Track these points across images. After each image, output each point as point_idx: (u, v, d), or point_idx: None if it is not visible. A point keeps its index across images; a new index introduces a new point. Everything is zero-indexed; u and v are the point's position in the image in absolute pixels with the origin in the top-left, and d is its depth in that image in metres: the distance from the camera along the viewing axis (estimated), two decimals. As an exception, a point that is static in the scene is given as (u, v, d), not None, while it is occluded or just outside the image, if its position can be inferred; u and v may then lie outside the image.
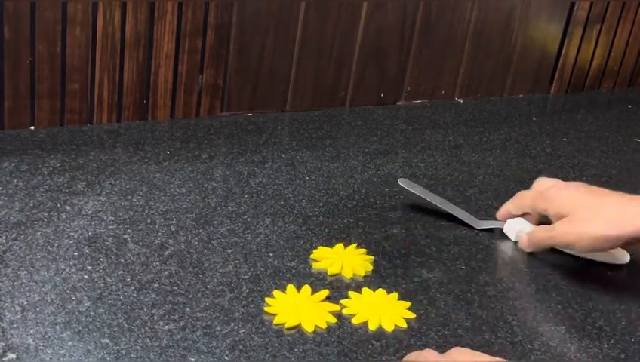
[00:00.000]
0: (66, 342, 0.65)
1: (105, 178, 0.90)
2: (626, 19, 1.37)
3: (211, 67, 1.06)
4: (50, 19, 0.94)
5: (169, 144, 1.00)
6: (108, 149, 0.97)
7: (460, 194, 0.98)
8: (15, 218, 0.81)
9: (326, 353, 0.68)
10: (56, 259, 0.75)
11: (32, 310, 0.68)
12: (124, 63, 1.01)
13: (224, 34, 1.05)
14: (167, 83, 1.04)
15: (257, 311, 0.72)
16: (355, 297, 0.75)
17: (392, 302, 0.75)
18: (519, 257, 0.86)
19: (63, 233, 0.79)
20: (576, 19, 1.32)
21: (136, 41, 1.00)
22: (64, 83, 0.98)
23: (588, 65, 1.38)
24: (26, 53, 0.95)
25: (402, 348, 0.70)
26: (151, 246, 0.79)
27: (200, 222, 0.84)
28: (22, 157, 0.92)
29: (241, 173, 0.96)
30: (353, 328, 0.71)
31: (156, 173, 0.93)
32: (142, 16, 0.99)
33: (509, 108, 1.29)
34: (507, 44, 1.27)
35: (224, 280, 0.76)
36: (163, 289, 0.73)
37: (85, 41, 0.97)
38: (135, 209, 0.85)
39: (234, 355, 0.66)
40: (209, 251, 0.80)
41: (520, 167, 1.07)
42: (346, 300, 0.75)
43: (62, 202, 0.84)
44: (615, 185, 0.99)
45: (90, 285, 0.73)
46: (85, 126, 1.02)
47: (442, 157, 1.07)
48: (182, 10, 1.01)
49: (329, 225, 0.87)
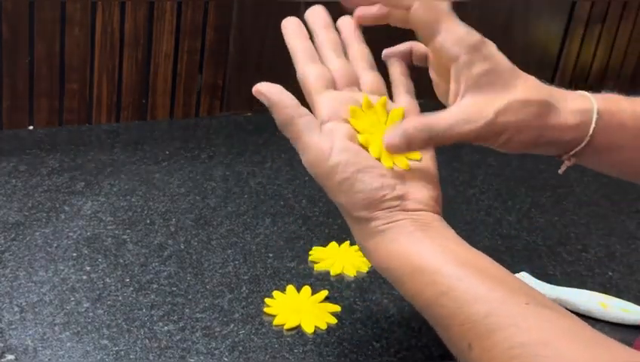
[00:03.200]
0: (65, 343, 0.65)
1: (104, 178, 0.90)
2: (627, 18, 1.37)
3: (211, 67, 1.06)
4: (49, 19, 0.94)
5: (168, 144, 1.00)
6: (107, 149, 0.97)
7: (460, 194, 0.97)
8: (14, 218, 0.80)
9: (326, 354, 0.68)
10: (55, 259, 0.75)
11: (30, 311, 0.68)
12: (123, 63, 1.00)
13: (223, 34, 1.05)
14: (167, 83, 1.04)
15: (257, 311, 0.72)
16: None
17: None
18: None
19: (62, 233, 0.79)
20: (578, 18, 1.32)
21: (135, 41, 1.00)
22: (63, 83, 0.98)
23: (589, 65, 1.38)
24: (25, 53, 0.95)
25: (403, 349, 0.69)
26: (150, 247, 0.79)
27: (199, 223, 0.84)
28: (20, 157, 0.92)
29: (240, 173, 0.95)
30: (353, 329, 0.71)
31: (155, 173, 0.93)
32: (141, 16, 0.99)
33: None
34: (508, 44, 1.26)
35: (224, 280, 0.75)
36: (162, 289, 0.73)
37: (84, 40, 0.97)
38: (134, 209, 0.85)
39: (233, 356, 0.66)
40: (208, 251, 0.79)
41: (521, 168, 1.07)
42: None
43: (61, 202, 0.84)
44: (617, 186, 0.99)
45: (89, 286, 0.72)
46: (84, 126, 1.02)
47: (443, 157, 1.06)
48: (181, 9, 1.01)
49: (329, 226, 0.87)
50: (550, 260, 0.86)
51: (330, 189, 0.58)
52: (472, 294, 0.52)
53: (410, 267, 0.55)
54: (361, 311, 0.74)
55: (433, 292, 0.53)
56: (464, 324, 0.51)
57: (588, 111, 0.60)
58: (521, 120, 0.58)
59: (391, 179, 0.58)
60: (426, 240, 0.55)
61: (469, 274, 0.53)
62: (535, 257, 0.86)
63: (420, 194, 0.58)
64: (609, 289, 0.82)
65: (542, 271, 0.83)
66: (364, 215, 0.57)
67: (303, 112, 0.59)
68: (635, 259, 0.88)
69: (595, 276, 0.85)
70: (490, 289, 0.52)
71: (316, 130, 0.58)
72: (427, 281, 0.54)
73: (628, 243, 0.91)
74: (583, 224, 0.94)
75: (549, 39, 1.32)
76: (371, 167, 0.57)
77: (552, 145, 0.61)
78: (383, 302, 0.75)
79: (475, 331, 0.50)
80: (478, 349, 0.50)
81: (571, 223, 0.94)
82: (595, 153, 0.61)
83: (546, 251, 0.88)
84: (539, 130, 0.59)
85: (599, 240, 0.91)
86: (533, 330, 0.49)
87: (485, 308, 0.50)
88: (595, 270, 0.86)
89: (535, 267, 0.84)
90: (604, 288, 0.82)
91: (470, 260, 0.54)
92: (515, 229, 0.91)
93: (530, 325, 0.49)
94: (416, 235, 0.55)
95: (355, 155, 0.57)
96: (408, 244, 0.55)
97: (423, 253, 0.55)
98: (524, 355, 0.48)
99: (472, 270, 0.53)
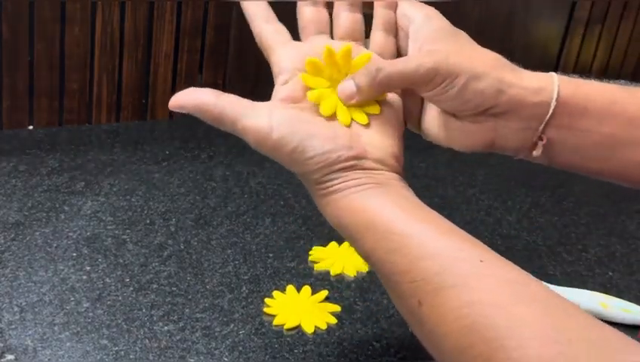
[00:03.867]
0: (65, 343, 0.65)
1: (104, 178, 0.90)
2: (628, 18, 1.37)
3: (211, 67, 1.06)
4: (49, 19, 0.94)
5: (168, 144, 1.00)
6: (107, 149, 0.97)
7: (460, 195, 0.97)
8: (13, 218, 0.80)
9: (326, 354, 0.68)
10: (54, 259, 0.75)
11: (30, 311, 0.68)
12: (123, 63, 1.00)
13: (223, 34, 1.05)
14: (167, 83, 1.04)
15: (257, 311, 0.72)
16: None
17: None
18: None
19: (62, 233, 0.79)
20: (578, 18, 1.32)
21: (135, 41, 1.00)
22: (63, 82, 0.98)
23: (589, 65, 1.38)
24: (25, 53, 0.95)
25: (403, 349, 0.69)
26: (150, 247, 0.79)
27: (199, 223, 0.84)
28: (20, 157, 0.92)
29: (240, 173, 0.95)
30: (353, 329, 0.71)
31: (155, 173, 0.93)
32: (141, 16, 0.99)
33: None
34: (508, 44, 1.26)
35: (224, 280, 0.75)
36: (162, 289, 0.73)
37: (84, 40, 0.97)
38: (134, 209, 0.85)
39: (233, 356, 0.66)
40: (208, 251, 0.79)
41: (521, 168, 1.07)
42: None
43: (60, 202, 0.84)
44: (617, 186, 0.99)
45: (89, 286, 0.72)
46: (84, 126, 1.01)
47: (443, 156, 1.06)
48: (181, 9, 1.01)
49: (329, 226, 0.86)
50: (550, 260, 0.86)
51: (283, 162, 0.56)
52: (423, 251, 0.50)
53: (363, 223, 0.53)
54: (361, 311, 0.74)
55: (385, 249, 0.51)
56: (415, 281, 0.49)
57: (548, 77, 0.57)
58: (477, 65, 0.56)
59: (345, 138, 0.55)
60: (380, 197, 0.53)
61: (422, 230, 0.51)
62: (535, 257, 0.86)
63: (379, 153, 0.56)
64: (609, 289, 0.82)
65: (542, 271, 0.83)
66: (320, 178, 0.55)
67: (226, 101, 0.56)
68: (635, 259, 0.88)
69: (595, 276, 0.85)
70: (442, 245, 0.50)
71: (250, 112, 0.56)
72: (379, 237, 0.52)
73: (628, 243, 0.91)
74: (583, 224, 0.94)
75: (549, 39, 1.32)
76: (319, 130, 0.55)
77: (515, 109, 0.56)
78: (382, 302, 0.75)
79: (426, 288, 0.49)
80: (428, 306, 0.49)
81: (571, 223, 0.94)
82: (564, 132, 0.57)
83: (546, 251, 0.88)
84: (498, 83, 0.56)
85: (599, 240, 0.91)
86: (484, 290, 0.47)
87: (437, 265, 0.49)
88: (595, 270, 0.86)
89: (535, 267, 0.84)
90: (604, 288, 0.82)
91: (425, 217, 0.53)
92: (515, 229, 0.91)
93: (481, 284, 0.47)
94: (370, 192, 0.54)
95: (298, 123, 0.55)
96: (362, 200, 0.54)
97: (376, 209, 0.53)
98: (473, 314, 0.46)
99: (426, 226, 0.51)
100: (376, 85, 0.56)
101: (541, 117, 0.57)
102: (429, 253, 0.50)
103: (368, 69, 0.56)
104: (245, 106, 0.56)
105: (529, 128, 0.57)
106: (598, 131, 0.58)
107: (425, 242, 0.51)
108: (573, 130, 0.58)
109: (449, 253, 0.50)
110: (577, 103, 0.57)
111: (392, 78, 0.56)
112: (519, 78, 0.57)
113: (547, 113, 0.56)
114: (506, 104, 0.56)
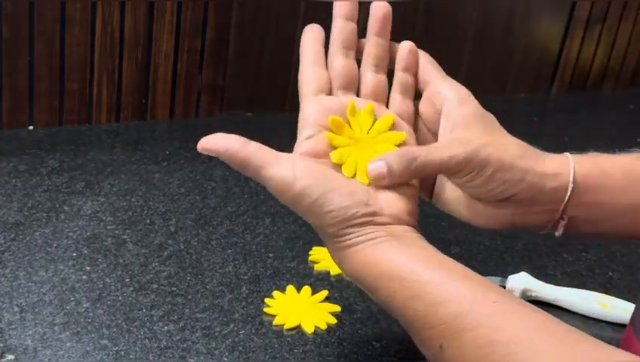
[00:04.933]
0: (65, 343, 0.65)
1: (104, 178, 0.90)
2: (627, 18, 1.37)
3: (211, 67, 1.06)
4: (49, 19, 0.94)
5: (168, 144, 1.00)
6: (107, 149, 0.97)
7: (460, 195, 0.97)
8: (13, 218, 0.80)
9: (326, 354, 0.68)
10: (54, 259, 0.75)
11: (30, 311, 0.68)
12: (123, 63, 1.00)
13: (223, 34, 1.05)
14: (167, 83, 1.04)
15: (257, 311, 0.72)
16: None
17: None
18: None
19: (62, 233, 0.79)
20: (578, 18, 1.32)
21: (135, 41, 1.00)
22: (63, 82, 0.98)
23: (589, 65, 1.38)
24: (25, 53, 0.95)
25: (403, 349, 0.69)
26: (150, 247, 0.79)
27: (199, 223, 0.84)
28: (20, 157, 0.92)
29: (240, 173, 0.95)
30: (353, 329, 0.71)
31: (155, 173, 0.93)
32: (141, 16, 0.99)
33: (509, 108, 1.28)
34: (508, 44, 1.27)
35: (223, 280, 0.75)
36: (162, 289, 0.73)
37: (84, 40, 0.97)
38: (134, 209, 0.85)
39: (233, 356, 0.66)
40: (208, 251, 0.79)
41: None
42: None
43: (60, 202, 0.84)
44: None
45: (89, 286, 0.72)
46: (84, 126, 1.02)
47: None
48: (181, 9, 1.01)
49: (329, 226, 0.86)
50: (550, 260, 0.86)
51: (301, 212, 0.57)
52: (441, 296, 0.52)
53: (380, 274, 0.55)
54: (361, 311, 0.74)
55: (404, 297, 0.53)
56: (435, 326, 0.52)
57: (564, 159, 0.61)
58: (503, 156, 0.59)
59: (362, 195, 0.57)
60: (396, 248, 0.55)
61: (438, 276, 0.53)
62: (535, 257, 0.86)
63: (395, 209, 0.58)
64: (609, 289, 0.82)
65: (542, 271, 0.83)
66: (336, 231, 0.56)
67: (254, 148, 0.58)
68: (635, 259, 0.88)
69: (595, 276, 0.85)
70: (459, 290, 0.52)
71: (274, 161, 0.58)
72: (397, 286, 0.54)
73: (628, 243, 0.91)
74: (583, 224, 0.94)
75: (549, 39, 1.32)
76: (339, 186, 0.57)
77: (535, 196, 0.59)
78: (383, 302, 0.75)
79: (446, 332, 0.51)
80: (450, 350, 0.51)
81: (571, 223, 0.94)
82: (584, 209, 0.60)
83: (546, 251, 0.88)
84: (521, 173, 0.59)
85: (599, 240, 0.91)
86: (503, 329, 0.49)
87: (454, 309, 0.51)
88: (595, 270, 0.86)
89: (535, 267, 0.84)
90: (604, 288, 0.82)
91: (439, 263, 0.55)
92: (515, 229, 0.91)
93: (499, 323, 0.50)
94: (385, 244, 0.55)
95: (321, 176, 0.57)
96: (377, 252, 0.55)
97: (391, 260, 0.55)
98: (495, 354, 0.48)
99: (441, 272, 0.54)
100: (410, 173, 0.58)
101: (560, 200, 0.60)
102: (446, 297, 0.52)
103: (403, 156, 0.58)
104: (270, 155, 0.58)
105: (550, 210, 0.60)
106: (620, 203, 0.61)
107: (441, 287, 0.53)
108: (594, 206, 0.61)
109: (465, 295, 0.52)
110: (595, 181, 0.61)
111: (426, 166, 0.58)
112: (540, 165, 0.60)
113: (565, 196, 0.60)
114: (526, 191, 0.59)
